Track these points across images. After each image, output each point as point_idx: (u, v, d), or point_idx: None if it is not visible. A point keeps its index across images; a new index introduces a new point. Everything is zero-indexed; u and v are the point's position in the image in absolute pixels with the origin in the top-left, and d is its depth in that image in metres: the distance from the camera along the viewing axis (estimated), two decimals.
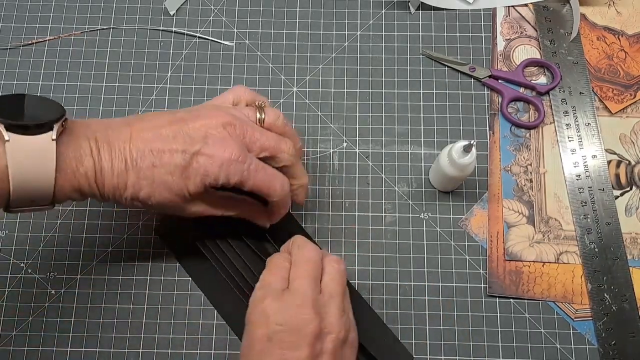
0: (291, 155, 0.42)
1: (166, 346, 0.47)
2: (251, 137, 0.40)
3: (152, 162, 0.38)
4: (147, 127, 0.39)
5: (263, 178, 0.40)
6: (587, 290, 0.48)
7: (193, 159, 0.38)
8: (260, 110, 0.42)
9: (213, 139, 0.39)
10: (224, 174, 0.39)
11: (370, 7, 0.57)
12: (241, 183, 0.40)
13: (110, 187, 0.38)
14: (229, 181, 0.39)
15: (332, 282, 0.40)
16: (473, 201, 0.51)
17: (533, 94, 0.53)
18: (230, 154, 0.38)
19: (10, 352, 0.47)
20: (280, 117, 0.43)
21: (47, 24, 0.56)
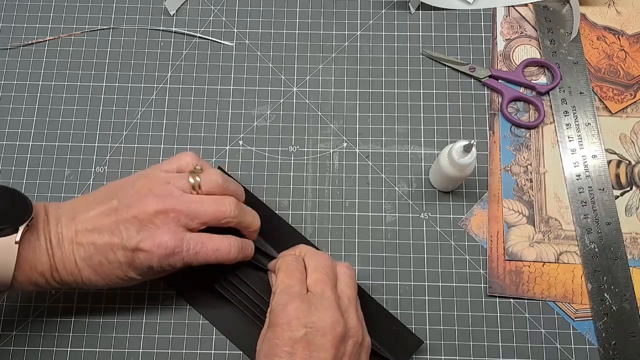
0: (234, 214, 0.41)
1: (166, 346, 0.47)
2: (187, 216, 0.40)
3: (99, 260, 0.40)
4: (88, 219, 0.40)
5: (206, 254, 0.41)
6: (587, 290, 0.48)
7: (134, 256, 0.40)
8: (195, 175, 0.42)
9: (146, 234, 0.39)
10: (166, 264, 0.40)
11: (370, 7, 0.57)
12: (186, 265, 0.41)
13: (66, 280, 0.40)
14: (174, 268, 0.41)
15: (347, 287, 0.42)
16: (473, 201, 0.51)
17: (533, 93, 0.53)
18: (165, 249, 0.39)
19: (11, 352, 0.47)
20: (219, 180, 0.42)
21: (47, 24, 0.56)
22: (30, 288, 0.40)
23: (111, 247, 0.40)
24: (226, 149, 0.52)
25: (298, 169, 0.52)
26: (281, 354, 0.37)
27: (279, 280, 0.41)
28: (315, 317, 0.38)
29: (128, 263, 0.40)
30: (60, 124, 0.53)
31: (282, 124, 0.53)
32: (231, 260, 0.42)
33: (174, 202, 0.40)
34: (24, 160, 0.52)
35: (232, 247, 0.42)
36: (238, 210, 0.42)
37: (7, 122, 0.53)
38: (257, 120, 0.53)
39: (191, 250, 0.40)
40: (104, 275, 0.40)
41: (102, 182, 0.51)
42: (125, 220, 0.40)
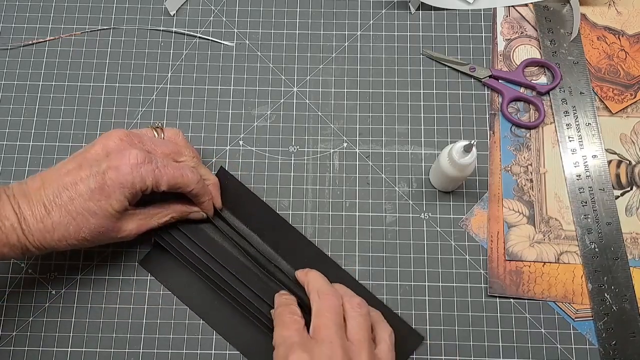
0: (193, 157, 0.45)
1: (166, 346, 0.47)
2: (150, 144, 0.43)
3: (69, 195, 0.40)
4: (55, 169, 0.42)
5: (174, 172, 0.42)
6: (588, 290, 0.48)
7: (104, 177, 0.40)
8: (159, 131, 0.45)
9: (114, 153, 0.41)
10: (138, 178, 0.41)
11: (371, 7, 0.57)
12: (156, 183, 0.42)
13: (37, 233, 0.40)
14: (145, 184, 0.41)
15: (360, 329, 0.40)
16: (473, 201, 0.51)
17: (533, 93, 0.53)
18: (135, 158, 0.41)
19: (11, 352, 0.47)
20: (180, 134, 0.46)
21: (48, 24, 0.56)
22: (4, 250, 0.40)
23: (80, 179, 0.40)
24: (226, 149, 0.52)
25: (298, 169, 0.52)
26: None
27: (276, 336, 0.40)
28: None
29: (99, 189, 0.40)
30: (61, 124, 0.53)
31: (282, 124, 0.53)
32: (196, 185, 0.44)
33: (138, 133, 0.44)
34: (24, 161, 0.52)
35: (195, 171, 0.44)
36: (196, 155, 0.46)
37: (8, 122, 0.53)
38: (258, 121, 0.53)
39: (159, 163, 0.42)
40: (74, 214, 0.40)
41: None
42: (93, 152, 0.41)
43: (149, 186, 0.41)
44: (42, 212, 0.40)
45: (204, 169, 0.47)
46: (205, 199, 0.46)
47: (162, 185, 0.42)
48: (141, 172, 0.41)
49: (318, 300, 0.41)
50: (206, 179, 0.46)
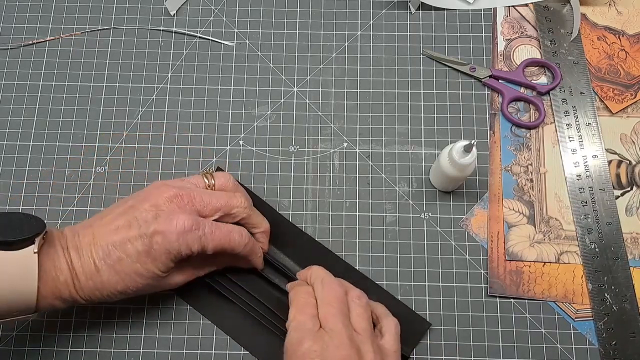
0: (245, 207, 0.44)
1: (167, 346, 0.47)
2: (200, 202, 0.42)
3: (118, 256, 0.40)
4: (105, 223, 0.41)
5: (220, 236, 0.41)
6: (588, 290, 0.48)
7: (151, 242, 0.40)
8: (209, 177, 0.44)
9: (163, 216, 0.40)
10: (184, 245, 0.40)
11: (371, 7, 0.57)
12: (202, 248, 0.41)
13: (87, 289, 0.40)
14: (191, 250, 0.41)
15: (361, 319, 0.41)
16: (473, 201, 0.51)
17: (533, 93, 0.53)
18: (183, 225, 0.40)
19: (11, 352, 0.47)
20: (231, 179, 0.45)
21: (48, 24, 0.56)
22: (55, 303, 0.40)
23: (129, 239, 0.40)
24: (226, 149, 0.52)
25: (298, 169, 0.52)
26: None
27: (291, 316, 0.41)
28: (329, 356, 0.38)
29: (146, 252, 0.40)
30: (61, 124, 0.53)
31: (282, 124, 0.53)
32: (243, 247, 0.43)
33: (188, 190, 0.42)
34: (24, 161, 0.52)
35: (244, 233, 0.43)
36: (248, 204, 0.44)
37: (8, 122, 0.53)
38: (258, 121, 0.53)
39: (207, 229, 0.41)
40: (123, 274, 0.40)
41: (103, 183, 0.51)
42: (142, 210, 0.41)
43: (194, 252, 0.41)
44: (92, 270, 0.40)
45: (256, 218, 0.45)
46: (254, 257, 0.45)
47: (209, 250, 0.42)
48: (187, 239, 0.40)
49: (322, 289, 0.42)
50: (256, 227, 0.45)
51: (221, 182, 0.45)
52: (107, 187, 0.51)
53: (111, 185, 0.51)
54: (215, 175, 0.45)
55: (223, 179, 0.45)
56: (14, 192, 0.51)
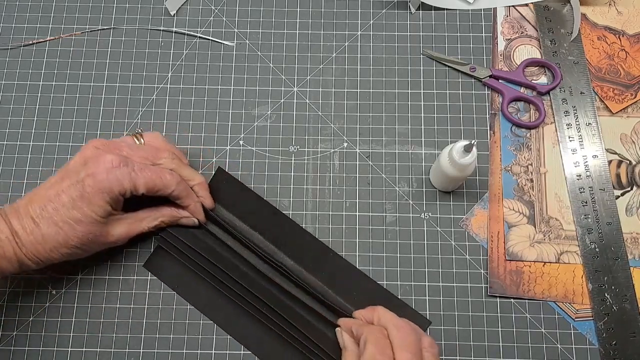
0: (173, 158, 0.45)
1: (167, 346, 0.47)
2: (127, 151, 0.44)
3: (54, 207, 0.42)
4: (40, 186, 0.43)
5: (151, 174, 0.43)
6: (588, 290, 0.48)
7: (83, 185, 0.41)
8: (138, 136, 0.46)
9: (91, 161, 0.43)
10: (114, 182, 0.42)
11: (371, 7, 0.57)
12: (134, 186, 0.42)
13: (30, 245, 0.41)
14: (123, 187, 0.42)
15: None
16: (474, 201, 0.51)
17: (534, 93, 0.53)
18: (110, 162, 0.42)
19: (11, 352, 0.47)
20: (160, 137, 0.47)
21: (48, 24, 0.56)
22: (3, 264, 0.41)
23: (62, 190, 0.42)
24: (227, 149, 0.52)
25: (298, 169, 0.52)
26: None
27: (368, 354, 0.40)
28: None
29: (80, 197, 0.41)
30: (61, 124, 0.53)
31: (282, 124, 0.53)
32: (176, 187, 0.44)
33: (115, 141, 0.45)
34: (24, 161, 0.52)
35: (175, 174, 0.45)
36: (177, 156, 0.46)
37: (8, 122, 0.53)
38: (258, 120, 0.53)
39: (136, 167, 0.43)
40: (61, 224, 0.41)
41: None
42: (72, 164, 0.43)
43: (126, 189, 0.42)
44: (31, 226, 0.41)
45: (188, 170, 0.47)
46: (189, 201, 0.46)
47: (140, 187, 0.43)
48: (117, 175, 0.42)
49: (397, 333, 0.41)
50: (190, 179, 0.46)
51: (149, 139, 0.46)
52: None
53: None
54: (144, 135, 0.47)
55: (152, 136, 0.47)
56: (14, 192, 0.51)
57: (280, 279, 0.47)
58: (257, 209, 0.50)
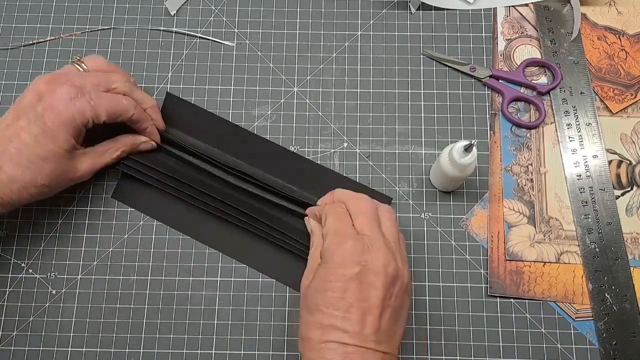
0: (125, 81, 0.45)
1: (167, 346, 0.47)
2: (80, 80, 0.43)
3: (16, 147, 0.41)
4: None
5: (109, 100, 0.43)
6: (588, 290, 0.48)
7: (43, 120, 0.41)
8: (80, 64, 0.45)
9: (46, 95, 0.42)
10: (76, 112, 0.41)
11: (371, 7, 0.57)
12: (95, 115, 0.42)
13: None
14: (85, 116, 0.42)
15: (391, 231, 0.42)
16: (474, 201, 0.51)
17: (534, 93, 0.53)
18: (67, 94, 0.42)
19: (11, 352, 0.47)
20: (103, 60, 0.47)
21: (48, 24, 0.56)
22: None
23: (21, 128, 0.41)
24: None
25: None
26: (334, 289, 0.38)
27: (329, 224, 0.42)
28: (369, 257, 0.39)
29: (42, 132, 0.41)
30: None
31: (282, 124, 0.53)
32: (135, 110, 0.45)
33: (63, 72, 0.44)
34: None
35: (129, 99, 0.45)
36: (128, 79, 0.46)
37: None
38: (258, 121, 0.53)
39: (93, 95, 0.42)
40: (26, 163, 0.41)
41: (103, 183, 0.51)
42: (25, 102, 0.42)
43: (88, 119, 0.42)
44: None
45: (140, 93, 0.47)
46: (147, 124, 0.47)
47: (102, 115, 0.43)
48: (77, 105, 0.41)
49: (357, 202, 0.44)
50: (143, 102, 0.47)
51: (94, 64, 0.46)
52: (107, 187, 0.51)
53: (112, 185, 0.51)
54: (85, 60, 0.46)
55: (95, 61, 0.46)
56: None
57: (246, 185, 0.49)
58: (212, 126, 0.52)
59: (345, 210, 0.43)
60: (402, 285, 0.40)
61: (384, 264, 0.39)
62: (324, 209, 0.44)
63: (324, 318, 0.38)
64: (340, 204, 0.44)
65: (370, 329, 0.38)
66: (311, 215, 0.47)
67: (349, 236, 0.41)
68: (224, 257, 0.49)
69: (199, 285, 0.49)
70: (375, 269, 0.39)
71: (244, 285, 0.49)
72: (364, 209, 0.43)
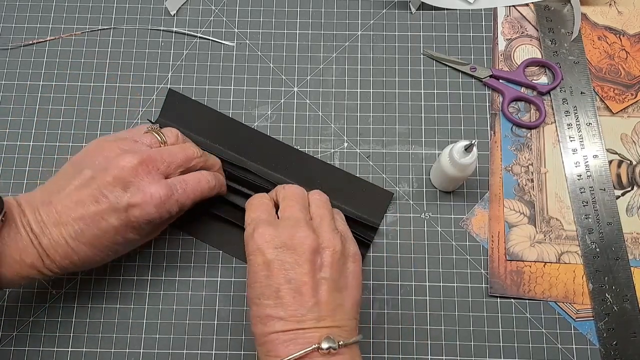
0: (200, 153, 0.45)
1: (167, 346, 0.47)
2: (163, 163, 0.41)
3: (93, 233, 0.39)
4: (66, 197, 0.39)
5: (193, 190, 0.42)
6: (589, 290, 0.48)
7: (128, 215, 0.39)
8: (159, 133, 0.44)
9: (133, 189, 0.39)
10: (164, 211, 0.40)
11: (371, 7, 0.57)
12: (181, 208, 0.42)
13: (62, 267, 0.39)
14: (171, 214, 0.41)
15: (319, 207, 0.42)
16: (474, 201, 0.51)
17: (534, 93, 0.53)
18: (159, 196, 0.40)
19: (12, 352, 0.47)
20: (179, 133, 0.45)
21: (48, 24, 0.56)
22: (24, 282, 0.40)
23: (101, 215, 0.39)
24: None
25: None
26: (259, 279, 0.38)
27: (245, 218, 0.42)
28: (284, 236, 0.39)
29: (124, 225, 0.39)
30: (61, 125, 0.53)
31: (282, 124, 0.53)
32: (213, 190, 0.44)
33: (149, 154, 0.41)
34: (24, 161, 0.52)
35: (209, 177, 0.44)
36: (201, 151, 0.45)
37: (8, 122, 0.53)
38: (258, 120, 0.53)
39: (179, 190, 0.41)
40: (101, 247, 0.40)
41: None
42: (107, 183, 0.39)
43: (174, 215, 0.42)
44: (66, 251, 0.39)
45: (210, 159, 0.46)
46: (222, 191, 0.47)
47: (187, 207, 0.42)
48: (166, 207, 0.40)
49: (283, 190, 0.44)
50: (213, 167, 0.46)
51: (171, 138, 0.45)
52: None
53: None
54: (163, 132, 0.44)
55: (172, 134, 0.45)
56: (14, 192, 0.51)
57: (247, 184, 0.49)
58: (213, 122, 0.52)
59: (261, 200, 0.43)
60: (335, 254, 0.39)
61: (301, 238, 0.38)
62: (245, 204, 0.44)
63: (259, 310, 0.38)
64: (260, 194, 0.44)
65: (305, 308, 0.37)
66: None
67: (262, 222, 0.40)
68: (224, 257, 0.49)
69: (199, 285, 0.49)
70: (291, 247, 0.38)
71: (244, 286, 0.49)
72: (290, 194, 0.43)
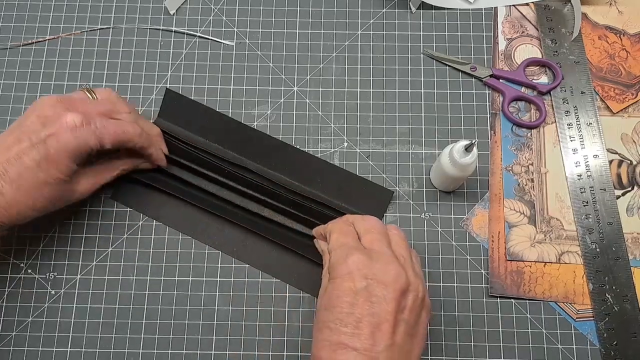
0: (130, 112, 0.45)
1: (166, 346, 0.47)
2: (85, 107, 0.43)
3: (17, 171, 0.40)
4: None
5: (114, 129, 0.43)
6: (589, 291, 0.48)
7: (47, 147, 0.40)
8: (90, 92, 0.45)
9: (51, 121, 0.41)
10: (81, 140, 0.41)
11: (371, 7, 0.56)
12: (100, 143, 0.42)
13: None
14: (89, 145, 0.41)
15: (400, 247, 0.42)
16: (474, 201, 0.51)
17: (534, 93, 0.53)
18: (73, 121, 0.41)
19: (10, 352, 0.47)
20: (113, 92, 0.46)
21: (47, 23, 0.56)
22: None
23: (23, 152, 0.40)
24: None
25: None
26: (342, 304, 0.37)
27: (333, 240, 0.42)
28: (377, 269, 0.38)
29: (44, 159, 0.40)
30: None
31: (282, 124, 0.53)
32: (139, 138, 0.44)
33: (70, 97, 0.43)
34: None
35: (135, 127, 0.44)
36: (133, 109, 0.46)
37: (7, 122, 0.53)
38: (258, 120, 0.53)
39: (99, 123, 0.42)
40: (27, 187, 0.40)
41: None
42: (30, 124, 0.41)
43: (93, 147, 0.42)
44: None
45: (144, 122, 0.48)
46: (152, 150, 0.47)
47: (106, 143, 0.43)
48: (83, 134, 0.41)
49: (365, 221, 0.43)
50: (149, 131, 0.47)
51: (104, 95, 0.46)
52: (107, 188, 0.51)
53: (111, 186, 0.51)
54: (96, 90, 0.46)
55: (105, 92, 0.46)
56: None
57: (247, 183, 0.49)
58: (211, 121, 0.52)
59: (349, 225, 0.43)
60: (417, 299, 0.38)
61: (394, 276, 0.38)
62: (328, 226, 0.44)
63: (332, 335, 0.37)
64: (344, 220, 0.44)
65: (381, 345, 0.36)
66: (317, 236, 0.47)
67: (355, 249, 0.39)
68: (224, 257, 0.49)
69: (199, 285, 0.49)
70: (383, 281, 0.37)
71: (244, 285, 0.49)
72: (372, 227, 0.42)
